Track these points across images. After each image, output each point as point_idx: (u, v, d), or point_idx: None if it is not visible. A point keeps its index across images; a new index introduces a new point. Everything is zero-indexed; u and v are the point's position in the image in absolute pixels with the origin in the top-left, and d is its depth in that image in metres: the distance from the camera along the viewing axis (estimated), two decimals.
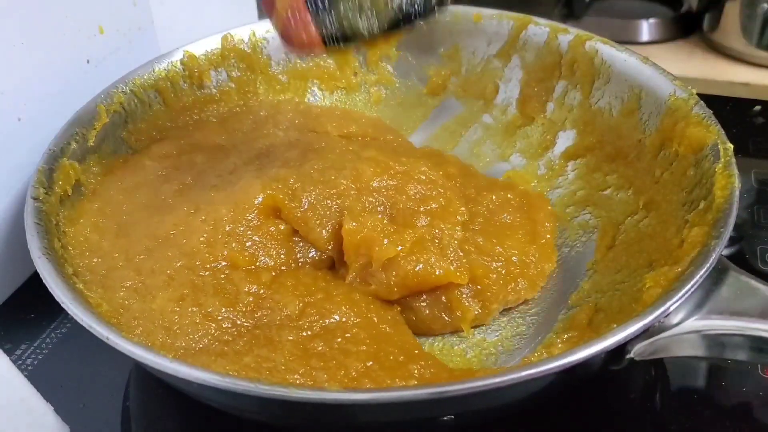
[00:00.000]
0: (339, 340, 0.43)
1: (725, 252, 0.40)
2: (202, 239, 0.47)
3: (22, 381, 0.40)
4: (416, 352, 0.45)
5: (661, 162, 0.52)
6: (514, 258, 0.51)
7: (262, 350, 0.42)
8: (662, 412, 0.47)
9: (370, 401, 0.34)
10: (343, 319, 0.45)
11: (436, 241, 0.49)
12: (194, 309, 0.44)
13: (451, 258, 0.49)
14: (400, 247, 0.47)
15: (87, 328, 0.37)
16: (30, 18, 0.52)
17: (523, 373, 0.33)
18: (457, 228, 0.50)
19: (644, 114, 0.55)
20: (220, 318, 0.44)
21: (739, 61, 0.86)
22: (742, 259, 0.58)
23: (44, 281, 0.40)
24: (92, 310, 0.38)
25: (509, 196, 0.56)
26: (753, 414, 0.46)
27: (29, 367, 0.49)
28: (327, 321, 0.45)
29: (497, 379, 0.33)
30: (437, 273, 0.47)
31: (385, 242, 0.47)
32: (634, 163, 0.55)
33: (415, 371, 0.42)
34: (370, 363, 0.42)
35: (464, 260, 0.49)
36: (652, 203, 0.51)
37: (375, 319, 0.46)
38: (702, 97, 0.51)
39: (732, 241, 0.40)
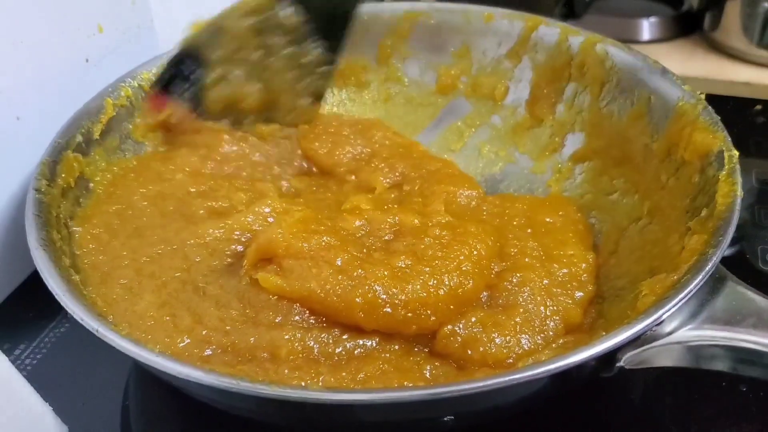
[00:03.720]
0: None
1: (726, 252, 0.39)
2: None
3: (20, 381, 0.40)
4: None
5: (668, 167, 0.51)
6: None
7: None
8: (663, 413, 0.46)
9: (367, 402, 0.34)
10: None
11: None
12: (167, 319, 0.43)
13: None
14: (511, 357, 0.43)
15: (78, 320, 0.37)
16: (29, 17, 0.53)
17: (504, 378, 0.33)
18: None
19: (652, 118, 0.54)
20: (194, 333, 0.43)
21: (739, 60, 0.85)
22: (742, 258, 0.58)
23: (40, 272, 0.40)
24: (85, 303, 0.39)
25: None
26: (753, 415, 0.45)
27: (28, 367, 0.50)
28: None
29: (478, 384, 0.33)
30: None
31: (497, 341, 0.43)
32: (641, 167, 0.54)
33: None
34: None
35: None
36: (657, 209, 0.51)
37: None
38: None
39: (732, 241, 0.39)
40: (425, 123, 0.68)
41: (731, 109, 0.78)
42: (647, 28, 0.91)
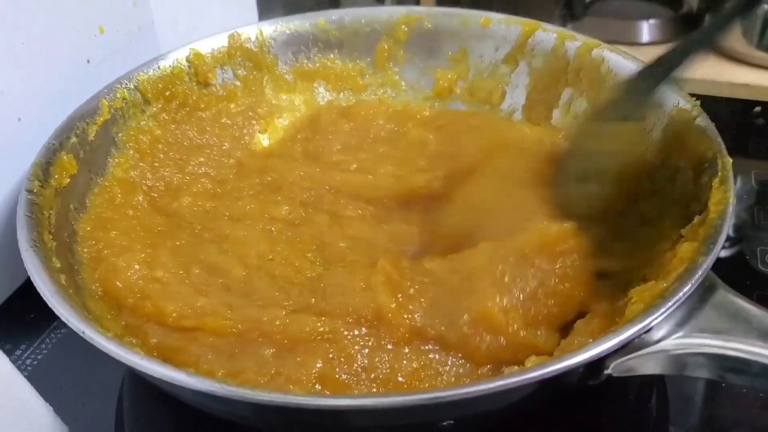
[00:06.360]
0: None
1: (725, 254, 0.39)
2: None
3: (21, 381, 0.40)
4: None
5: (663, 174, 0.51)
6: None
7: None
8: (661, 414, 0.46)
9: (364, 407, 0.34)
10: None
11: None
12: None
13: None
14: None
15: (65, 321, 0.38)
16: (30, 18, 0.53)
17: (489, 386, 0.33)
18: None
19: (648, 124, 0.53)
20: None
21: (739, 62, 0.84)
22: (742, 260, 0.57)
23: (29, 273, 0.40)
24: (72, 304, 0.39)
25: None
26: (753, 415, 0.46)
27: (29, 368, 0.50)
28: None
29: (460, 390, 0.33)
30: None
31: None
32: (636, 173, 0.54)
33: None
34: None
35: None
36: (651, 216, 0.50)
37: None
38: (702, 98, 0.50)
39: (732, 242, 0.39)
40: None
41: (731, 110, 0.79)
42: (647, 30, 0.90)
